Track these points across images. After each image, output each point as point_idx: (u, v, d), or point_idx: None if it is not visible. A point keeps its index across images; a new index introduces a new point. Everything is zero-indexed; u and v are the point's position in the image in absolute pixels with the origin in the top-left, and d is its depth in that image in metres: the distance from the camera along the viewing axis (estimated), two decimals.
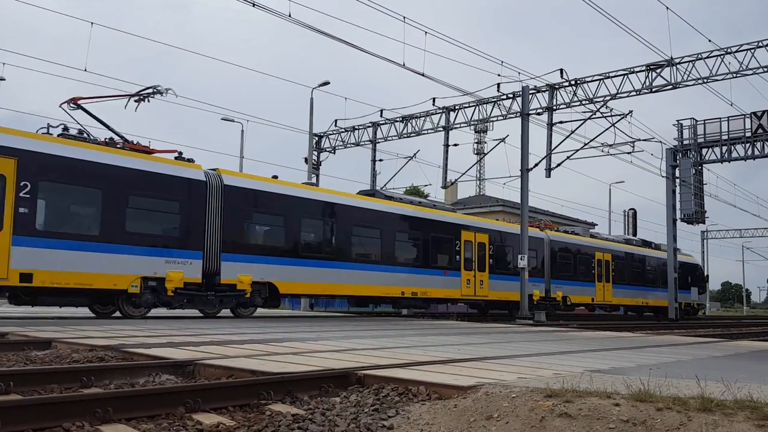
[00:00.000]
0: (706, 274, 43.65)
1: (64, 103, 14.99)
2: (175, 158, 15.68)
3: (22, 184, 12.60)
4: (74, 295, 13.75)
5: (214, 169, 16.43)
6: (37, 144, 12.95)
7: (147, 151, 15.17)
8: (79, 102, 14.99)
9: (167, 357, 6.01)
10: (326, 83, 27.88)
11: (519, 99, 24.00)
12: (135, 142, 15.17)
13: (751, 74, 20.86)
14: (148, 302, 14.46)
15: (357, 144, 29.56)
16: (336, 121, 29.56)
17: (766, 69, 20.54)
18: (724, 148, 29.43)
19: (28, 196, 12.67)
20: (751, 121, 27.93)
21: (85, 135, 14.27)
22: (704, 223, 32.63)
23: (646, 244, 34.77)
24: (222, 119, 31.26)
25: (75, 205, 13.96)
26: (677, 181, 29.75)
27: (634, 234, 39.67)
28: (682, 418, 3.51)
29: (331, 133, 30.19)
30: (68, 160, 13.33)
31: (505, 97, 24.55)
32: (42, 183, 12.92)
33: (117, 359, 6.33)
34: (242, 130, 33.30)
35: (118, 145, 14.66)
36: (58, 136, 13.70)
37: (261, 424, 3.93)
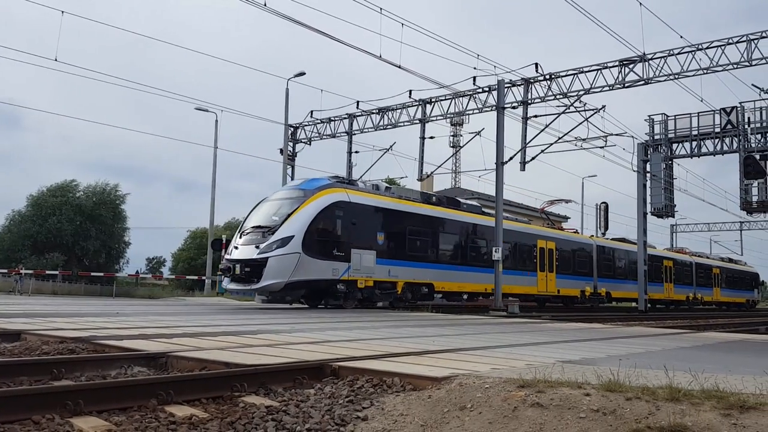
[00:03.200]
0: (761, 279, 61.98)
1: (541, 210, 35.40)
2: (573, 232, 34.26)
3: (556, 252, 29.19)
4: (559, 299, 30.38)
5: (591, 236, 34.88)
6: (554, 235, 30.11)
7: (561, 228, 34.00)
8: (545, 210, 34.89)
9: (139, 349, 5.95)
10: (302, 74, 27.74)
11: (494, 92, 24.11)
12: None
13: (722, 71, 21.22)
14: (579, 302, 30.76)
15: (333, 135, 29.43)
16: (312, 112, 29.42)
17: (735, 66, 20.92)
18: (694, 144, 29.97)
19: (557, 256, 29.23)
20: (720, 117, 28.47)
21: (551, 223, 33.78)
22: (674, 216, 33.24)
23: (732, 261, 52.97)
24: (196, 109, 30.96)
25: (568, 260, 30.41)
26: (648, 175, 30.23)
27: (606, 227, 40.43)
28: (651, 408, 3.59)
29: (306, 124, 30.02)
30: (565, 242, 30.59)
31: (480, 90, 24.63)
32: (559, 251, 29.61)
33: (88, 351, 6.24)
34: (216, 120, 33.06)
35: (569, 230, 34.35)
36: (547, 226, 31.82)
37: (234, 416, 3.91)
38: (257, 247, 17.59)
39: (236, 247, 18.35)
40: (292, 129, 30.02)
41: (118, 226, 45.70)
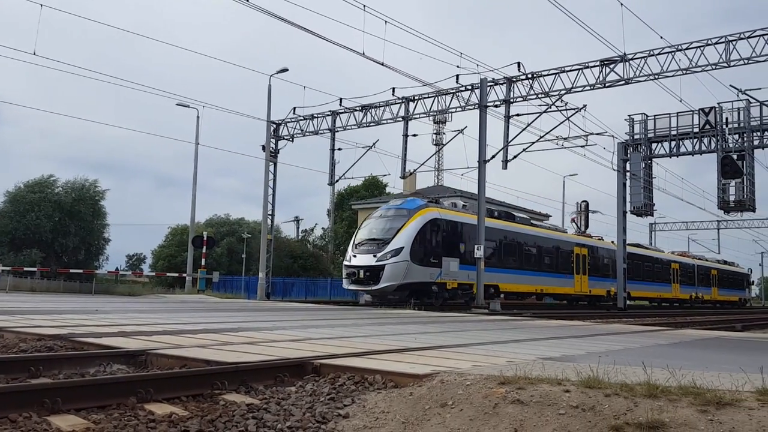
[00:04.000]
0: (752, 280, 66.01)
1: (572, 219, 43.71)
2: (599, 239, 37.01)
3: (588, 257, 33.17)
4: (590, 298, 33.65)
5: (612, 242, 35.02)
6: (586, 242, 33.98)
7: (588, 236, 36.90)
8: (574, 220, 41.24)
9: (118, 346, 5.89)
10: (285, 70, 27.57)
11: (477, 91, 24.20)
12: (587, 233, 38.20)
13: (700, 71, 21.51)
14: (604, 301, 33.76)
15: (316, 132, 29.35)
16: (294, 108, 29.29)
17: (714, 66, 21.20)
18: (673, 143, 30.30)
19: (589, 261, 32.96)
20: (699, 117, 28.81)
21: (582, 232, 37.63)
22: (652, 215, 33.60)
23: (726, 263, 56.53)
24: (177, 104, 30.69)
25: (597, 264, 34.29)
26: (628, 174, 30.51)
27: (587, 225, 41.05)
28: (629, 404, 3.63)
29: (289, 120, 29.90)
30: (595, 248, 34.40)
31: (463, 88, 24.72)
32: (591, 256, 33.72)
33: (66, 349, 6.17)
34: (198, 116, 32.76)
35: (595, 236, 37.44)
36: (578, 234, 35.98)
37: (215, 414, 3.89)
38: (374, 255, 22.06)
39: (354, 255, 22.89)
40: (274, 125, 29.88)
41: (98, 222, 45.16)
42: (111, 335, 6.93)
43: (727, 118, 28.31)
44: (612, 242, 37.38)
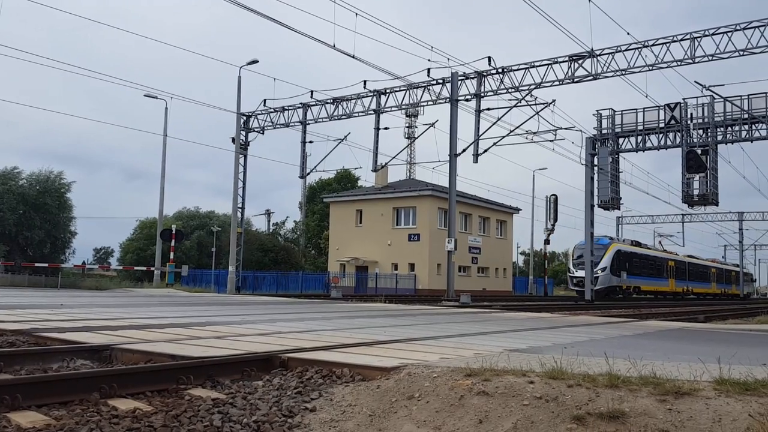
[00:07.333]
0: (754, 277, 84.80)
1: (659, 242, 62.99)
2: (673, 254, 54.55)
3: (674, 267, 52.16)
4: (674, 294, 51.82)
5: (682, 255, 56.09)
6: (672, 257, 52.60)
7: (671, 252, 54.44)
8: (661, 242, 62.12)
9: (83, 342, 5.80)
10: (255, 62, 27.30)
11: (448, 85, 24.30)
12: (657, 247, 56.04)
13: (666, 67, 21.89)
14: (680, 296, 52.26)
15: (286, 125, 29.17)
16: (265, 100, 29.05)
17: (679, 63, 21.60)
18: (639, 138, 30.81)
19: (675, 269, 51.90)
20: (665, 112, 29.32)
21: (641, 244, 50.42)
22: (619, 209, 34.15)
23: (737, 266, 70.74)
24: (145, 95, 30.20)
25: (678, 271, 53.11)
26: (595, 168, 30.93)
27: (555, 219, 42.01)
28: (591, 394, 3.70)
29: (259, 113, 29.65)
30: (676, 261, 53.09)
31: (435, 82, 24.79)
32: (675, 266, 52.80)
33: (29, 344, 6.06)
34: (166, 108, 32.28)
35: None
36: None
37: (180, 409, 3.85)
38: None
39: (575, 270, 40.56)
40: (244, 118, 29.61)
41: (64, 215, 44.29)
42: (75, 330, 6.81)
43: (691, 114, 28.86)
44: (682, 255, 54.93)
